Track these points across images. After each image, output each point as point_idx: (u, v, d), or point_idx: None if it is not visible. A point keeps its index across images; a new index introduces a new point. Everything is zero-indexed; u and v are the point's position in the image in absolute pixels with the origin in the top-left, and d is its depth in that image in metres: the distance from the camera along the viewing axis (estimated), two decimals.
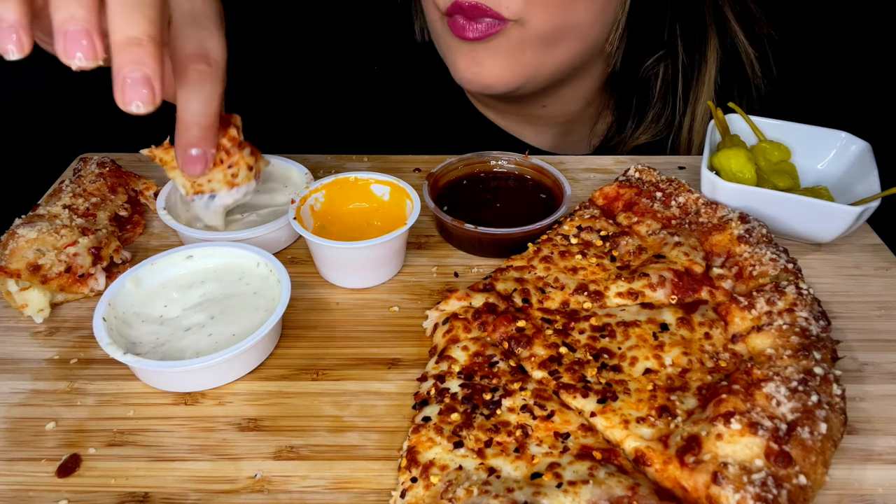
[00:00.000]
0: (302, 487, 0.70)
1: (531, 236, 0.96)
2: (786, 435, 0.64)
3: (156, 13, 0.67)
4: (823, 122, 1.05)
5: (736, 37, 1.29)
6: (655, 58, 1.32)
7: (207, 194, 0.86)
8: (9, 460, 0.73)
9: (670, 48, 1.30)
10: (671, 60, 1.31)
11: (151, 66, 0.66)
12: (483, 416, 0.72)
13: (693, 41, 1.29)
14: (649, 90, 1.35)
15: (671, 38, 1.30)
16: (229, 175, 0.84)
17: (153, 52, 0.67)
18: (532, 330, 0.81)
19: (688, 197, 0.96)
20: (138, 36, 0.66)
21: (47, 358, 0.85)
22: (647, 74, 1.33)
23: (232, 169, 0.84)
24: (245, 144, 0.85)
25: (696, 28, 1.28)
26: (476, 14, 1.14)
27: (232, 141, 0.83)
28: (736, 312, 0.80)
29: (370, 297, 0.94)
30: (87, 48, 0.65)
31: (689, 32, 1.29)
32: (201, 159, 0.79)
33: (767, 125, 1.07)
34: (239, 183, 0.85)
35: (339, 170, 1.12)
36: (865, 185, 0.96)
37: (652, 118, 1.36)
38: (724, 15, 1.28)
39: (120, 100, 0.67)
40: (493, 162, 1.10)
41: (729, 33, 1.29)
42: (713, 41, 1.29)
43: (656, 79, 1.33)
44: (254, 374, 0.82)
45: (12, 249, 0.88)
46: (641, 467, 0.68)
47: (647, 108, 1.36)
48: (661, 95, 1.34)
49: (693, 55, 1.30)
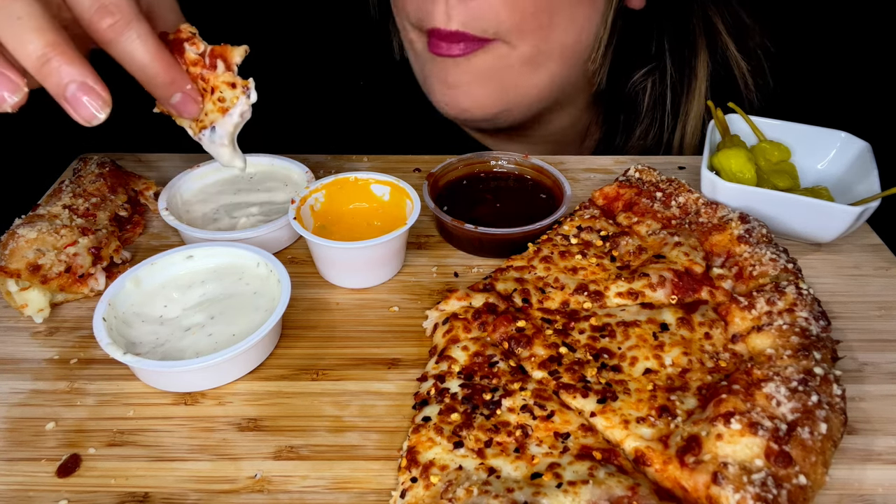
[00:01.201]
0: (302, 487, 0.70)
1: (531, 236, 0.96)
2: (786, 435, 0.64)
3: (40, 17, 0.64)
4: (823, 122, 1.05)
5: (727, 49, 1.26)
6: (643, 72, 1.28)
7: (209, 128, 0.84)
8: (9, 460, 0.73)
9: (658, 62, 1.27)
10: (659, 75, 1.28)
11: (76, 71, 0.64)
12: (483, 416, 0.72)
13: (682, 55, 1.26)
14: (637, 105, 1.31)
15: (659, 52, 1.27)
16: (216, 101, 0.81)
17: (66, 54, 0.64)
18: (532, 330, 0.81)
19: (688, 197, 0.96)
20: (41, 52, 0.63)
21: (47, 358, 0.85)
22: (634, 89, 1.30)
23: (215, 94, 0.81)
24: (213, 64, 0.80)
25: (684, 41, 1.26)
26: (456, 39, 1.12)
27: (196, 65, 0.79)
28: (736, 312, 0.80)
29: (370, 297, 0.94)
30: (7, 84, 0.64)
31: (678, 46, 1.26)
32: (187, 100, 0.77)
33: (767, 125, 1.07)
34: (229, 106, 0.82)
35: (339, 170, 1.12)
36: (865, 185, 0.96)
37: (640, 134, 1.33)
38: (714, 27, 1.25)
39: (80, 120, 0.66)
40: (493, 162, 1.10)
41: (720, 46, 1.26)
42: (703, 54, 1.25)
43: (644, 93, 1.30)
44: (254, 374, 0.82)
45: (12, 249, 0.88)
46: (641, 467, 0.68)
47: (636, 124, 1.33)
48: (650, 110, 1.31)
49: (682, 69, 1.27)
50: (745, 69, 1.27)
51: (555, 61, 1.18)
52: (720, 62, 1.27)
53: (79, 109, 0.66)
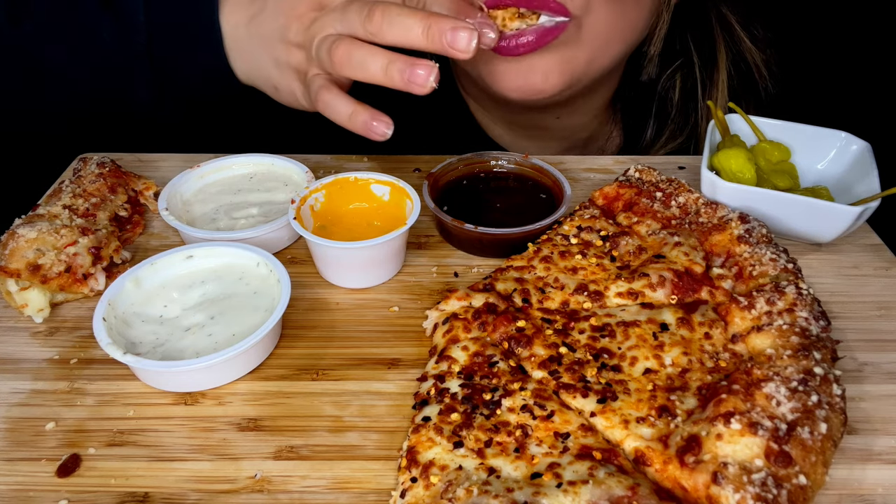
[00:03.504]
0: (302, 487, 0.70)
1: (531, 236, 0.96)
2: (786, 435, 0.64)
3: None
4: (823, 122, 1.05)
5: (742, 42, 1.29)
6: (672, 68, 1.30)
7: None
8: (9, 460, 0.73)
9: (685, 57, 1.29)
10: (688, 70, 1.30)
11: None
12: (483, 416, 0.72)
13: (705, 49, 1.29)
14: (666, 103, 1.33)
15: (684, 48, 1.29)
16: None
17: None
18: (532, 330, 0.81)
19: (688, 197, 0.96)
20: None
21: (47, 358, 0.85)
22: (665, 86, 1.32)
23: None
24: None
25: (706, 35, 1.28)
26: (534, 4, 1.04)
27: None
28: (736, 312, 0.80)
29: (370, 297, 0.94)
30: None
31: (701, 40, 1.28)
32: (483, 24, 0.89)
33: (767, 125, 1.07)
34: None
35: (339, 170, 1.12)
36: (865, 185, 0.96)
37: (672, 131, 1.34)
38: (728, 21, 1.28)
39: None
40: (493, 162, 1.10)
41: (735, 38, 1.29)
42: (722, 47, 1.29)
43: (674, 90, 1.31)
44: (254, 374, 0.82)
45: (12, 249, 0.88)
46: (641, 467, 0.68)
47: (668, 120, 1.34)
48: (681, 106, 1.32)
49: (706, 63, 1.29)
50: (758, 59, 1.30)
51: (622, 42, 1.18)
52: (735, 54, 1.30)
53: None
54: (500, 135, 1.45)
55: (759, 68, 1.31)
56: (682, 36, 1.28)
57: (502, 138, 1.45)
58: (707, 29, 1.28)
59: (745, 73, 1.31)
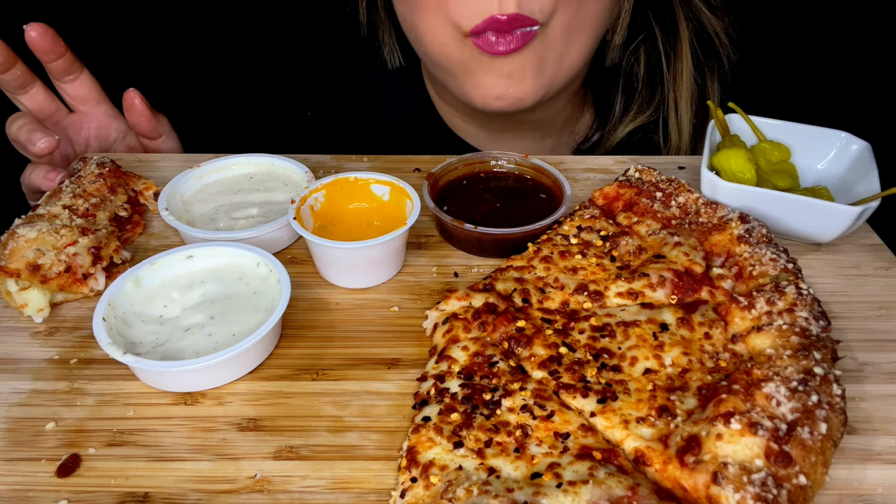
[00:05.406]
0: (302, 487, 0.70)
1: (531, 236, 0.96)
2: (786, 435, 0.64)
3: None
4: (823, 122, 1.05)
5: (701, 11, 1.31)
6: (635, 43, 1.33)
7: None
8: (9, 460, 0.73)
9: (647, 32, 1.32)
10: (651, 44, 1.33)
11: None
12: (483, 416, 0.72)
13: (666, 22, 1.31)
14: (632, 77, 1.35)
15: (645, 23, 1.31)
16: None
17: None
18: (532, 330, 0.81)
19: (688, 197, 0.96)
20: None
21: (47, 358, 0.85)
22: (629, 62, 1.34)
23: None
24: None
25: (666, 9, 1.31)
26: (513, 26, 1.09)
27: None
28: (736, 312, 0.80)
29: (370, 297, 0.94)
30: None
31: (661, 14, 1.31)
32: None
33: (767, 125, 1.07)
34: None
35: (339, 170, 1.12)
36: (865, 185, 0.96)
37: (640, 105, 1.37)
38: None
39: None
40: (493, 162, 1.10)
41: (693, 8, 1.31)
42: (682, 18, 1.31)
43: (638, 65, 1.34)
44: (254, 374, 0.82)
45: (12, 249, 0.88)
46: (641, 467, 0.68)
47: (635, 95, 1.36)
48: (648, 80, 1.35)
49: (668, 36, 1.32)
50: (718, 27, 1.33)
51: (586, 35, 1.20)
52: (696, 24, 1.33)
53: None
54: (473, 132, 1.45)
55: (720, 36, 1.33)
56: (642, 13, 1.31)
57: (476, 135, 1.45)
58: (667, 2, 1.31)
59: (707, 42, 1.34)
